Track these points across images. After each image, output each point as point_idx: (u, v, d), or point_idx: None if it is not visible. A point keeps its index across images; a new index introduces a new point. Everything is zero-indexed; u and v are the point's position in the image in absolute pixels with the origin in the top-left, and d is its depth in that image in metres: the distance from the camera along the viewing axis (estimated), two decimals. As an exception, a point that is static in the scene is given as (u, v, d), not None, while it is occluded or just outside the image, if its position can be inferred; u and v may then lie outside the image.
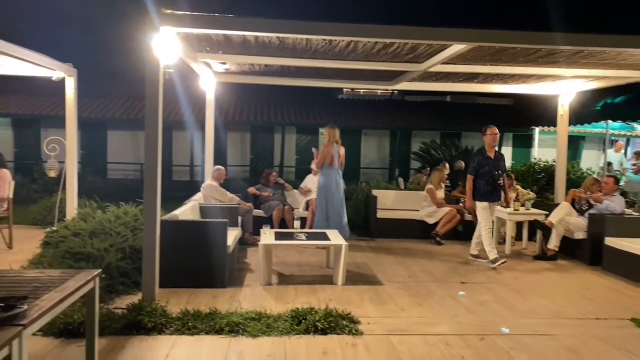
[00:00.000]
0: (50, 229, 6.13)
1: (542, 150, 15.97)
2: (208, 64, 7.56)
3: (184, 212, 5.97)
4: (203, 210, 6.63)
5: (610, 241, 6.41)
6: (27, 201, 9.99)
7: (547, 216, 7.24)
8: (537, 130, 16.39)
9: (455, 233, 8.18)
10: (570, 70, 6.99)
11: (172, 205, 6.71)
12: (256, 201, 8.19)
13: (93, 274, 2.90)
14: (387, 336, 4.10)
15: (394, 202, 8.85)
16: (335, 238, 5.92)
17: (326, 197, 7.32)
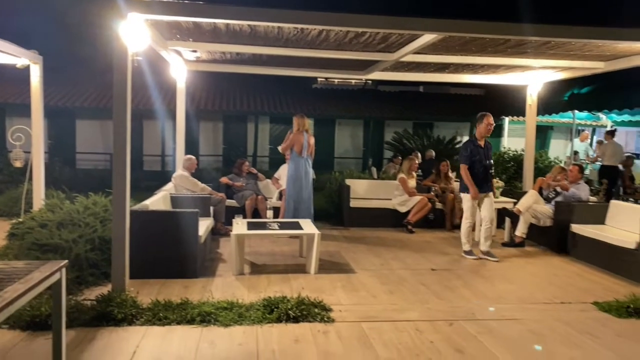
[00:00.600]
0: (16, 220, 5.98)
1: (512, 139, 16.27)
2: (178, 52, 7.45)
3: (154, 202, 5.90)
4: (174, 200, 6.56)
5: (575, 228, 6.59)
6: (-8, 192, 9.73)
7: (515, 204, 7.41)
8: (507, 119, 16.66)
9: (426, 221, 8.30)
10: (538, 61, 7.13)
11: (143, 195, 6.63)
12: (228, 191, 8.15)
13: (59, 264, 2.85)
14: (358, 323, 4.15)
15: (366, 191, 8.92)
16: (308, 227, 5.94)
17: (295, 185, 7.33)
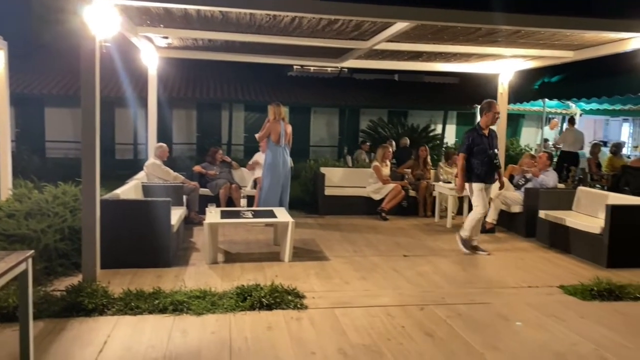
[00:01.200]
0: (-18, 211, 5.83)
1: (485, 127, 16.46)
2: (149, 38, 7.32)
3: (125, 191, 5.82)
4: (146, 189, 6.48)
5: (543, 213, 6.75)
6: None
7: (486, 191, 7.54)
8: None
9: (400, 208, 8.39)
10: (509, 50, 7.23)
11: (115, 184, 6.52)
12: (202, 180, 8.08)
13: (25, 255, 2.81)
14: (331, 309, 4.19)
15: (341, 179, 8.96)
16: (282, 215, 5.95)
17: (272, 174, 7.31)
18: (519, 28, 5.79)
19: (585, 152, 12.18)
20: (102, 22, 4.62)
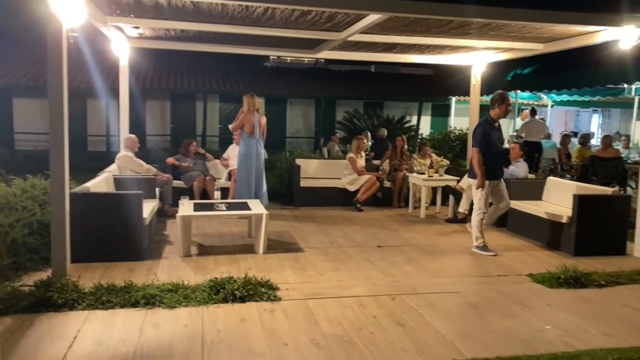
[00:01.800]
0: (-53, 205, 5.68)
1: (458, 118, 16.64)
2: (120, 28, 7.17)
3: (95, 184, 5.73)
4: (117, 182, 6.39)
5: (513, 204, 6.86)
6: None
7: (459, 182, 7.65)
8: (454, 99, 17.02)
9: (374, 200, 8.46)
10: (481, 42, 7.31)
11: (87, 176, 6.38)
12: (176, 172, 7.99)
13: (-10, 250, 2.76)
14: (304, 300, 4.22)
15: (316, 170, 8.97)
16: (256, 207, 5.94)
17: (246, 166, 7.28)
18: (490, 20, 5.85)
19: (556, 143, 12.42)
20: (68, 10, 4.51)
